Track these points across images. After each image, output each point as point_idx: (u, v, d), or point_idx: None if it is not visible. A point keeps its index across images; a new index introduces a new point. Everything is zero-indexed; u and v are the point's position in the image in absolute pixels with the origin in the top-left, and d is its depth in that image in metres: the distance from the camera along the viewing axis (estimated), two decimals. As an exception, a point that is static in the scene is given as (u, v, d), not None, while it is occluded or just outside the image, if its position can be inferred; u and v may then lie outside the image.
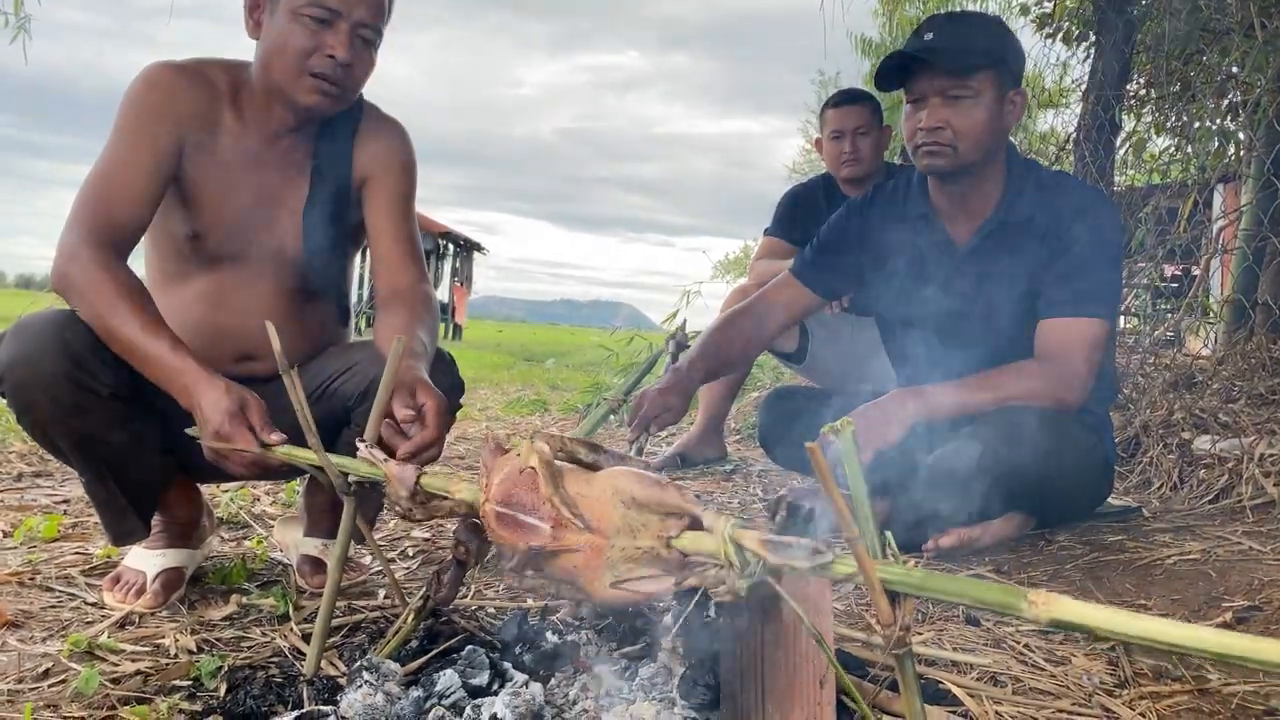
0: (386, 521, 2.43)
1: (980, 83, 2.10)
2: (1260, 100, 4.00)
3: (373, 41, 1.66)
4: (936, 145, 2.12)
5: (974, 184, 2.21)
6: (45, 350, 1.49)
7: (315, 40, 1.61)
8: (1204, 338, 4.43)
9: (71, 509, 2.44)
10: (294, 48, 1.61)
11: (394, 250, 1.78)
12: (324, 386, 1.78)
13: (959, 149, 2.11)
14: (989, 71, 2.10)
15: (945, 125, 2.11)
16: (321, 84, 1.63)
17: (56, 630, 1.59)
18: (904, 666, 0.85)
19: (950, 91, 2.10)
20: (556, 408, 6.24)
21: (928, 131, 2.12)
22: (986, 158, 2.16)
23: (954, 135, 2.11)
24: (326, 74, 1.62)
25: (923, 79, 2.13)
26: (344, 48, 1.61)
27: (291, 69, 1.62)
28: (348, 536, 1.41)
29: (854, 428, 0.88)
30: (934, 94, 2.12)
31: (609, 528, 1.02)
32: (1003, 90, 2.13)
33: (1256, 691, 1.36)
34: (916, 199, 2.31)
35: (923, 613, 1.70)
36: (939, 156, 2.13)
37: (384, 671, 1.23)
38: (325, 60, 1.61)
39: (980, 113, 2.11)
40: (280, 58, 1.62)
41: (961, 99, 2.10)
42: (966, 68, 2.08)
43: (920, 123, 2.14)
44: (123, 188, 1.59)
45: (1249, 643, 0.66)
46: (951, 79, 2.10)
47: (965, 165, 2.14)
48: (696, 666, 1.20)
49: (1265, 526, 2.26)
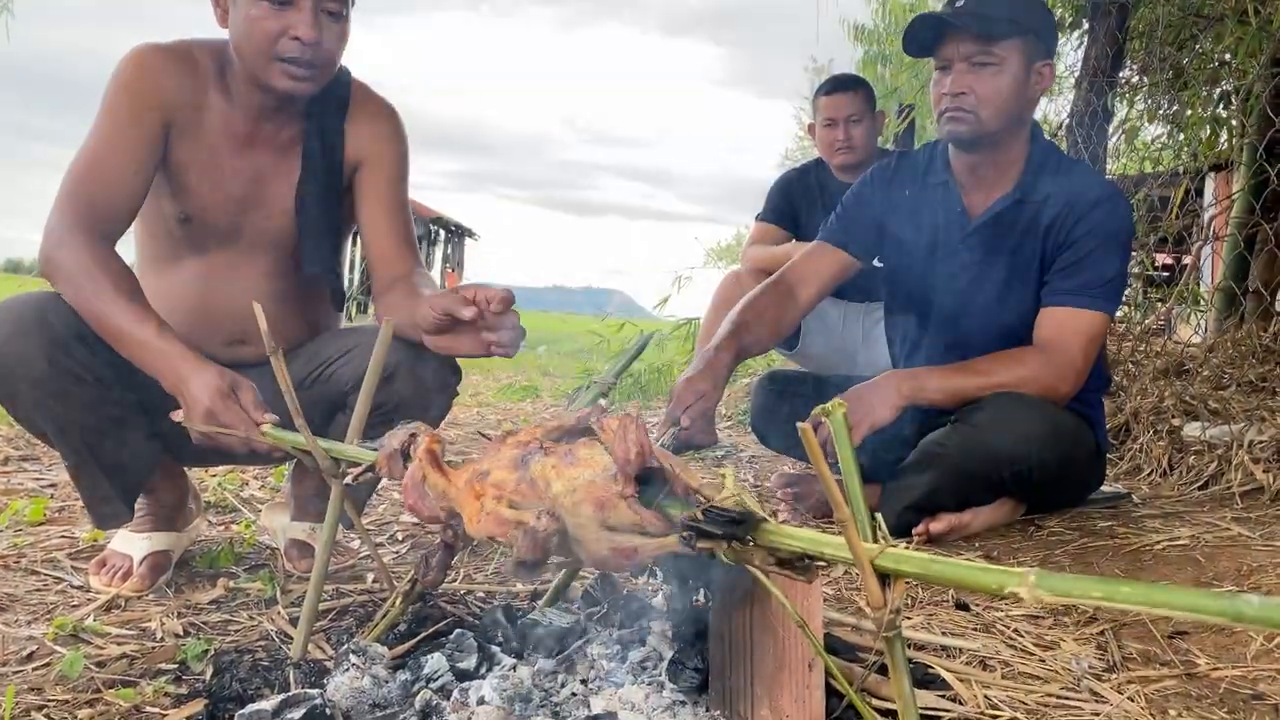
0: (375, 505, 2.42)
1: (1006, 50, 2.08)
2: (1253, 87, 4.00)
3: (339, 13, 1.61)
4: (960, 111, 2.11)
5: (994, 155, 2.20)
6: (28, 334, 1.48)
7: (279, 23, 1.56)
8: (1195, 325, 4.44)
9: (58, 493, 2.42)
10: (259, 34, 1.57)
11: (390, 240, 1.77)
12: (320, 370, 1.77)
13: (981, 116, 2.10)
14: (1016, 40, 2.08)
15: (970, 91, 2.10)
16: (292, 68, 1.59)
17: (42, 614, 1.57)
18: (894, 650, 0.84)
19: (976, 58, 2.09)
20: (548, 394, 6.23)
21: (952, 97, 2.11)
22: (1009, 127, 2.15)
23: (977, 101, 2.10)
24: (296, 57, 1.58)
25: (949, 44, 2.12)
26: (308, 27, 1.56)
27: (260, 56, 1.59)
28: (335, 521, 1.40)
29: (846, 409, 0.87)
30: (960, 59, 2.11)
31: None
32: (1030, 60, 2.12)
33: (1244, 675, 1.36)
34: (938, 168, 2.31)
35: (912, 597, 1.70)
36: (961, 123, 2.12)
37: (371, 655, 1.23)
38: (292, 44, 1.57)
39: (1005, 80, 2.09)
40: (248, 45, 1.59)
41: (987, 65, 2.09)
42: (993, 35, 2.07)
43: (945, 88, 2.13)
44: (110, 171, 1.57)
45: (1225, 603, 0.65)
46: (978, 45, 2.08)
47: (987, 133, 2.13)
48: (685, 650, 1.20)
49: (1254, 513, 2.26)
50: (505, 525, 1.07)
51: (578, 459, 1.06)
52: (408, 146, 1.83)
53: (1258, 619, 0.61)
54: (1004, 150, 2.19)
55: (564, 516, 1.02)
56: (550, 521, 1.02)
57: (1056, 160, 2.23)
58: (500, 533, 1.07)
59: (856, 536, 0.83)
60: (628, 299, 69.34)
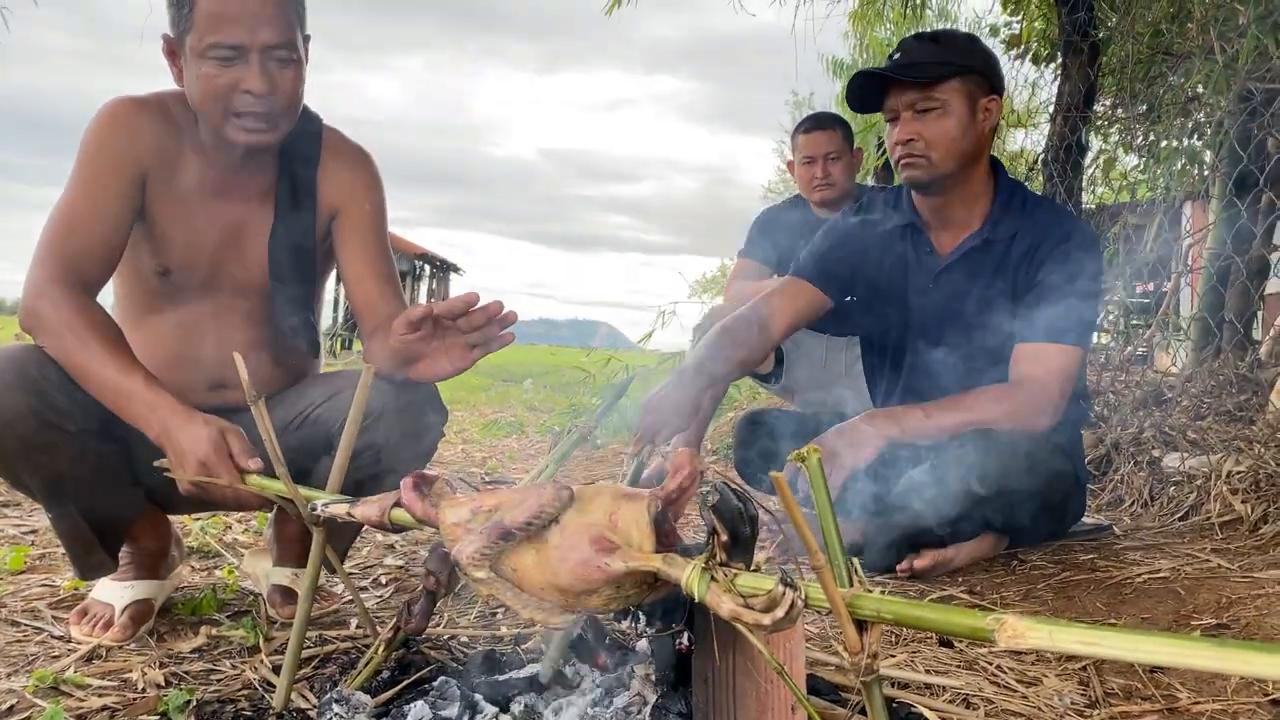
0: (359, 549, 2.41)
1: (947, 93, 2.15)
2: (1223, 121, 4.08)
3: (288, 59, 1.59)
4: (911, 157, 2.18)
5: (955, 195, 2.25)
6: (11, 387, 1.47)
7: (229, 79, 1.55)
8: (1173, 355, 4.49)
9: (39, 540, 2.40)
10: (210, 91, 1.56)
11: (372, 284, 1.78)
12: (305, 414, 1.77)
13: (933, 158, 2.17)
14: (955, 81, 2.15)
15: (917, 137, 2.16)
16: (248, 121, 1.59)
17: (22, 665, 1.56)
18: (872, 694, 0.85)
19: (918, 105, 2.16)
20: (533, 429, 6.22)
21: (902, 145, 2.18)
22: (964, 166, 2.20)
23: (926, 145, 2.16)
24: (252, 111, 1.58)
25: (892, 96, 2.20)
26: (258, 80, 1.55)
27: (216, 113, 1.59)
28: (317, 567, 1.40)
29: (820, 454, 0.89)
30: (904, 108, 2.18)
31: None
32: (974, 98, 2.17)
33: (1224, 709, 1.37)
34: (905, 210, 2.35)
35: (895, 634, 1.70)
36: (915, 168, 2.19)
37: (354, 703, 1.22)
38: (244, 97, 1.56)
39: (950, 122, 2.15)
40: (203, 104, 1.59)
41: (930, 110, 2.16)
42: (931, 79, 2.14)
43: (895, 137, 2.20)
44: (89, 224, 1.58)
45: (1212, 650, 0.66)
46: (919, 92, 2.15)
47: (942, 175, 2.19)
48: (669, 694, 1.20)
49: (1233, 544, 2.29)
50: (504, 497, 1.07)
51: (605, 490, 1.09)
52: (384, 192, 1.85)
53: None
54: (965, 188, 2.24)
55: (577, 497, 1.03)
56: (562, 489, 1.02)
57: (1023, 197, 2.27)
58: (492, 502, 1.07)
59: (833, 582, 0.84)
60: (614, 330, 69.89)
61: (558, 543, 1.02)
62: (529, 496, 1.04)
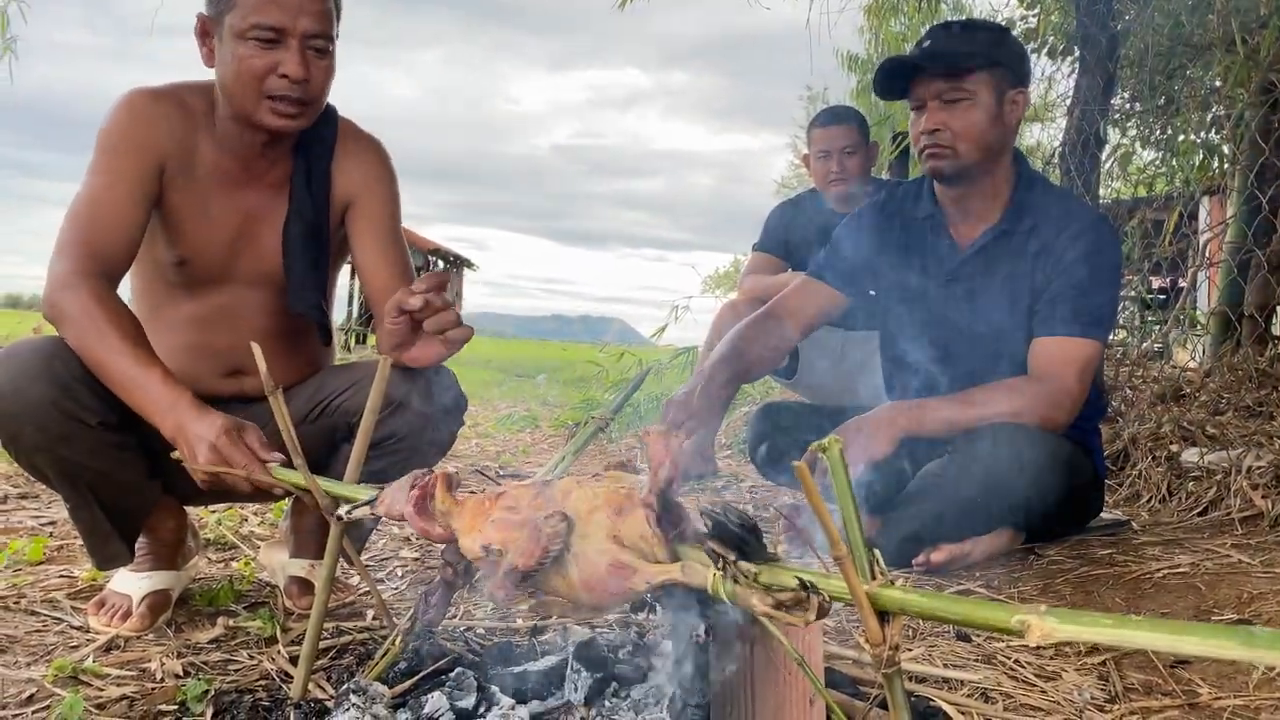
0: (375, 541, 2.42)
1: (976, 84, 2.13)
2: (1243, 114, 4.04)
3: (325, 50, 1.63)
4: (936, 148, 2.16)
5: (977, 187, 2.23)
6: (33, 378, 1.48)
7: (266, 61, 1.58)
8: (1191, 350, 4.45)
9: (57, 531, 2.42)
10: (246, 72, 1.58)
11: (386, 275, 1.78)
12: (324, 403, 1.78)
13: (958, 150, 2.15)
14: (984, 73, 2.13)
15: (943, 127, 2.14)
16: (281, 105, 1.61)
17: (41, 655, 1.57)
18: (893, 686, 0.84)
19: (946, 95, 2.14)
20: (547, 424, 6.23)
21: (928, 135, 2.16)
22: (989, 158, 2.18)
23: (953, 137, 2.14)
24: (285, 95, 1.60)
25: (920, 85, 2.18)
26: (296, 65, 1.58)
27: (249, 94, 1.60)
28: (334, 558, 1.40)
29: (842, 445, 0.88)
30: (931, 98, 2.16)
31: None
32: (1001, 91, 2.16)
33: (1246, 704, 1.36)
34: (926, 201, 2.34)
35: (913, 629, 1.69)
36: (939, 159, 2.17)
37: (372, 694, 1.22)
38: (280, 81, 1.59)
39: (977, 114, 2.14)
40: (236, 84, 1.61)
41: (958, 101, 2.14)
42: (960, 70, 2.12)
43: (921, 127, 2.18)
44: (108, 217, 1.59)
45: (1237, 640, 0.65)
46: (946, 82, 2.14)
47: (966, 166, 2.17)
48: (687, 688, 1.19)
49: (1254, 539, 2.26)
50: (506, 530, 1.07)
51: (606, 477, 1.08)
52: (397, 181, 1.85)
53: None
54: (988, 181, 2.22)
55: (574, 522, 1.03)
56: (559, 520, 1.02)
57: (1043, 189, 2.26)
58: (499, 538, 1.07)
59: (855, 574, 0.84)
60: (626, 326, 69.39)
61: (577, 576, 1.03)
62: (528, 540, 1.03)
